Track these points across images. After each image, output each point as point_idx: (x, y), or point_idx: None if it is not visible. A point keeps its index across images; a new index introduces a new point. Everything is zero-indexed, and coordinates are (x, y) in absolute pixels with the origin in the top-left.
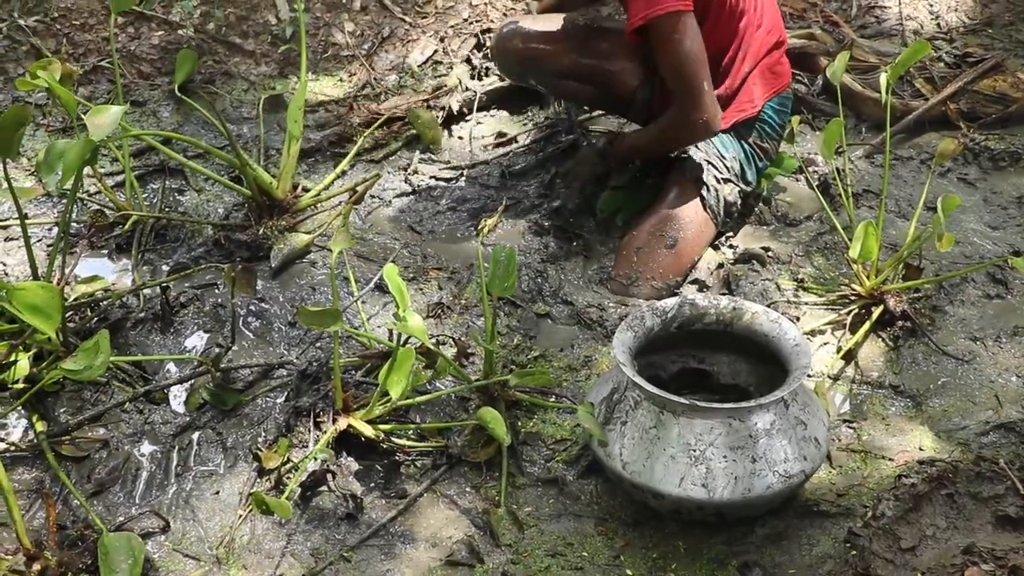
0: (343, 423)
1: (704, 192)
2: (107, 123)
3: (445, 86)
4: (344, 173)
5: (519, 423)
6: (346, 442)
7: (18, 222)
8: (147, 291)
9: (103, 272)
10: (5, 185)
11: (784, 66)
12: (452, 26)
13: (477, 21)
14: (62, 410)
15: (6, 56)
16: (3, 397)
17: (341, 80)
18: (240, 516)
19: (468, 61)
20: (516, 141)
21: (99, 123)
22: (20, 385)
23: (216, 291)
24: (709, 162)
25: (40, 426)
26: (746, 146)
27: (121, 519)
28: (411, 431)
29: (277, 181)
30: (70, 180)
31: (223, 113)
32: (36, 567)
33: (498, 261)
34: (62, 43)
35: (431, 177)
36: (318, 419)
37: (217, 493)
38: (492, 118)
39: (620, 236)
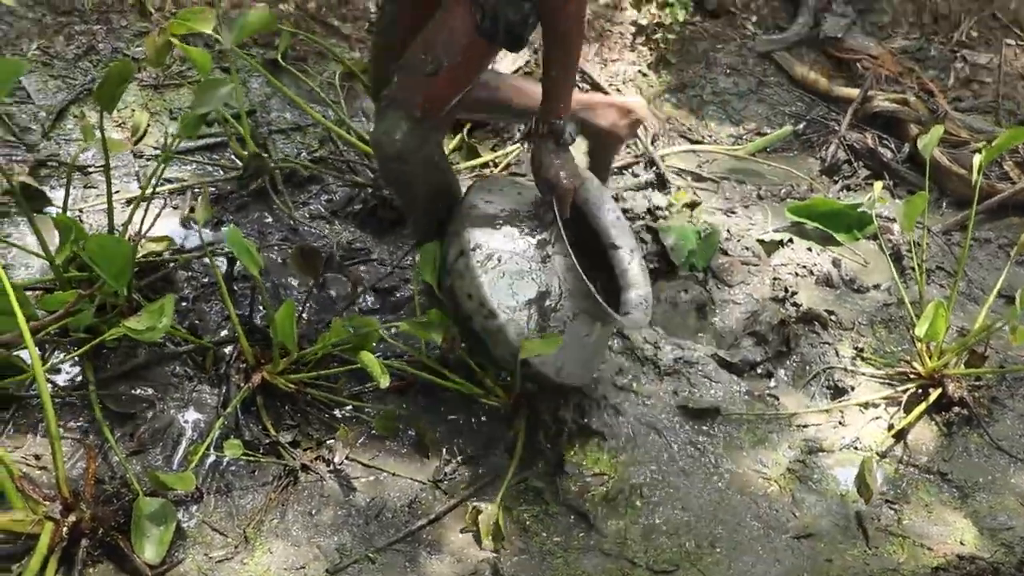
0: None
1: (478, 16)
2: (215, 98)
3: None
4: None
5: (561, 449)
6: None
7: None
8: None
9: (176, 234)
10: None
11: None
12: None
13: None
14: (118, 363)
15: (112, 8)
16: (62, 342)
17: None
18: (272, 499)
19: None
20: None
21: (207, 99)
22: (81, 334)
23: (283, 267)
24: None
25: (92, 377)
26: None
27: None
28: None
29: None
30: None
31: (310, 93)
32: (71, 518)
33: None
34: (166, 1)
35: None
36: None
37: (254, 472)
38: None
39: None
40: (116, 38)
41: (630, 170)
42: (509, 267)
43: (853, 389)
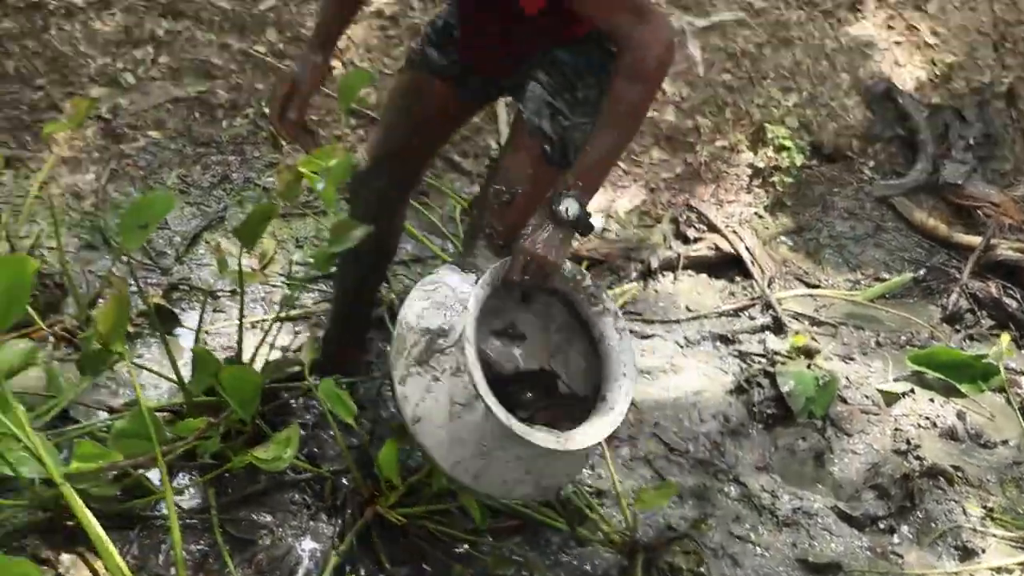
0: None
1: (546, 146)
2: (349, 238)
3: (648, 240)
4: None
5: None
6: None
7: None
8: None
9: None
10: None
11: None
12: (664, 179)
13: (688, 179)
14: (239, 488)
15: (246, 140)
16: (187, 466)
17: None
18: None
19: (675, 220)
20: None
21: (341, 234)
22: (207, 459)
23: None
24: (551, 104)
25: (214, 501)
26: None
27: None
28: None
29: None
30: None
31: (431, 226)
32: None
33: None
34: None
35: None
36: None
37: None
38: (690, 278)
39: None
40: (249, 168)
41: (746, 312)
42: (437, 296)
43: (983, 551)
